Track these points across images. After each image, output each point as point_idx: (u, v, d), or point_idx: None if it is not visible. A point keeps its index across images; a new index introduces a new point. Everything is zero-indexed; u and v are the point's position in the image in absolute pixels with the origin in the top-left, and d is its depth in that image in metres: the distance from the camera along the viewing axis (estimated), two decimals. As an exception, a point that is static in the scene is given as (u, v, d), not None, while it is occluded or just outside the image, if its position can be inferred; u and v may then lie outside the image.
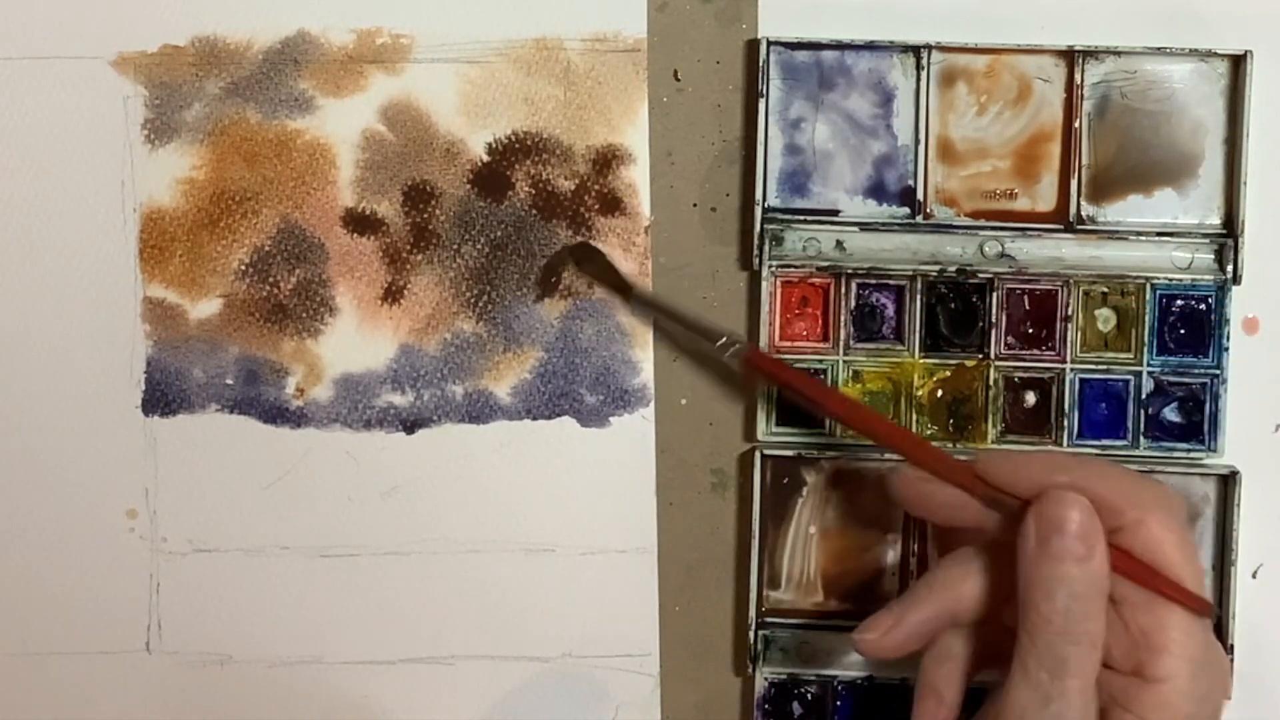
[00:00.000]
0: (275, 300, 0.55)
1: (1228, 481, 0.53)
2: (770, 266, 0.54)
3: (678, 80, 0.54)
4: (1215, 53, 0.53)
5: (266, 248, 0.55)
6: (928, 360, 0.54)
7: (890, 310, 0.54)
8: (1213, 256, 0.53)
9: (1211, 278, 0.53)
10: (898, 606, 0.47)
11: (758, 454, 0.54)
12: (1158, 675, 0.44)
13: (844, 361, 0.54)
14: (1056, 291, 0.53)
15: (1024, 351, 0.54)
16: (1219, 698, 0.45)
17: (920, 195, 0.54)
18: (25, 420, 0.55)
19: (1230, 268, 0.53)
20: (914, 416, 0.54)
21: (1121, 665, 0.44)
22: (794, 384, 0.51)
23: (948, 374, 0.54)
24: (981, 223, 0.54)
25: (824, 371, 0.54)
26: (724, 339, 0.51)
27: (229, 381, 0.55)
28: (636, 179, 0.54)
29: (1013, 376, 0.54)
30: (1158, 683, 0.44)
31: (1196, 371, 0.53)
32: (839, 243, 0.54)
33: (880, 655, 0.47)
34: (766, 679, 0.54)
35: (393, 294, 0.55)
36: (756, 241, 0.53)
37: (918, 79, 0.53)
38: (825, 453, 0.54)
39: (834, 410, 0.50)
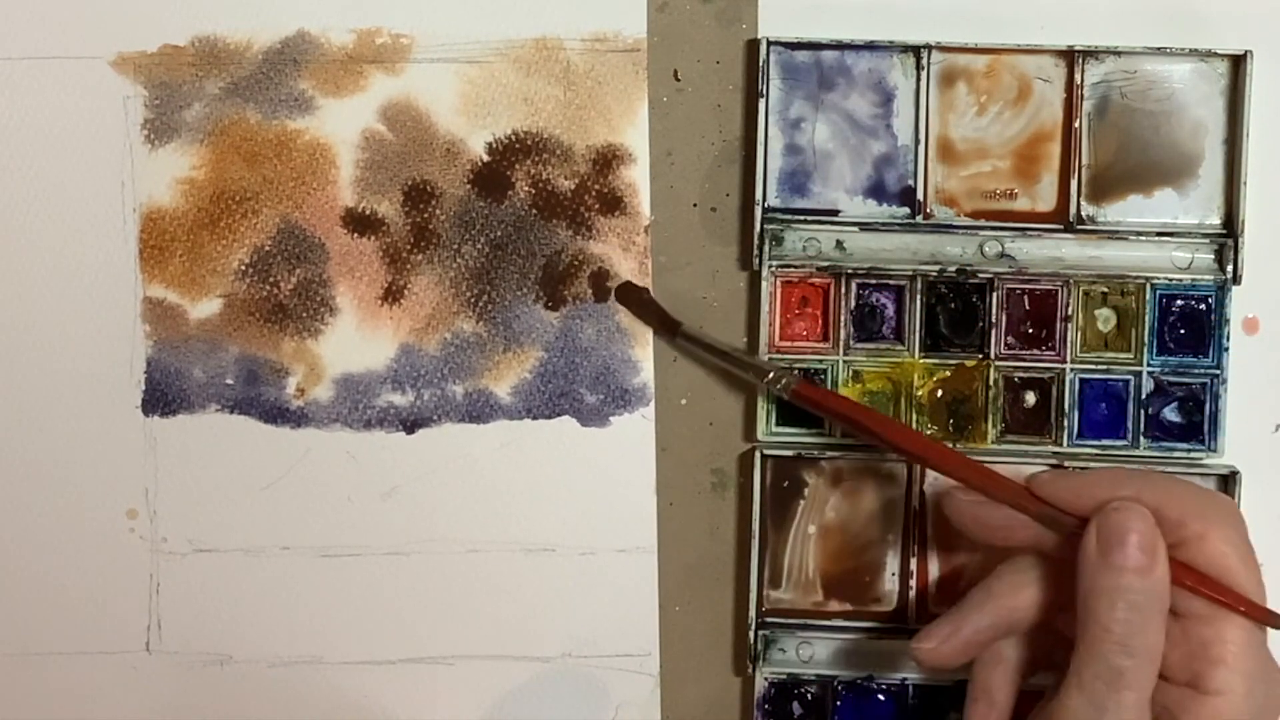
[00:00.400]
0: (275, 300, 0.55)
1: (1228, 481, 0.53)
2: (770, 266, 0.54)
3: (678, 80, 0.54)
4: (1215, 53, 0.53)
5: (266, 248, 0.55)
6: (928, 360, 0.54)
7: (890, 310, 0.54)
8: (1213, 256, 0.53)
9: (1211, 278, 0.53)
10: (954, 615, 0.47)
11: (758, 454, 0.54)
12: (1214, 688, 0.43)
13: (844, 361, 0.54)
14: (1056, 291, 0.53)
15: (1024, 351, 0.54)
16: (1274, 712, 0.44)
17: (920, 195, 0.54)
18: (25, 420, 0.55)
19: (1230, 268, 0.53)
20: (914, 416, 0.54)
21: (1177, 676, 0.44)
22: (845, 412, 0.51)
23: (948, 374, 0.54)
24: (981, 223, 0.54)
25: (824, 371, 0.54)
26: (772, 374, 0.52)
27: (229, 381, 0.55)
28: (636, 179, 0.54)
29: (1013, 376, 0.54)
30: (1213, 695, 0.43)
31: (1196, 371, 0.53)
32: (839, 243, 0.54)
33: (938, 664, 0.47)
34: (766, 679, 0.54)
35: (393, 294, 0.55)
36: (756, 241, 0.53)
37: (918, 79, 0.53)
38: (825, 452, 0.54)
39: (887, 437, 0.50)
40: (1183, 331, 0.53)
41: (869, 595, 0.55)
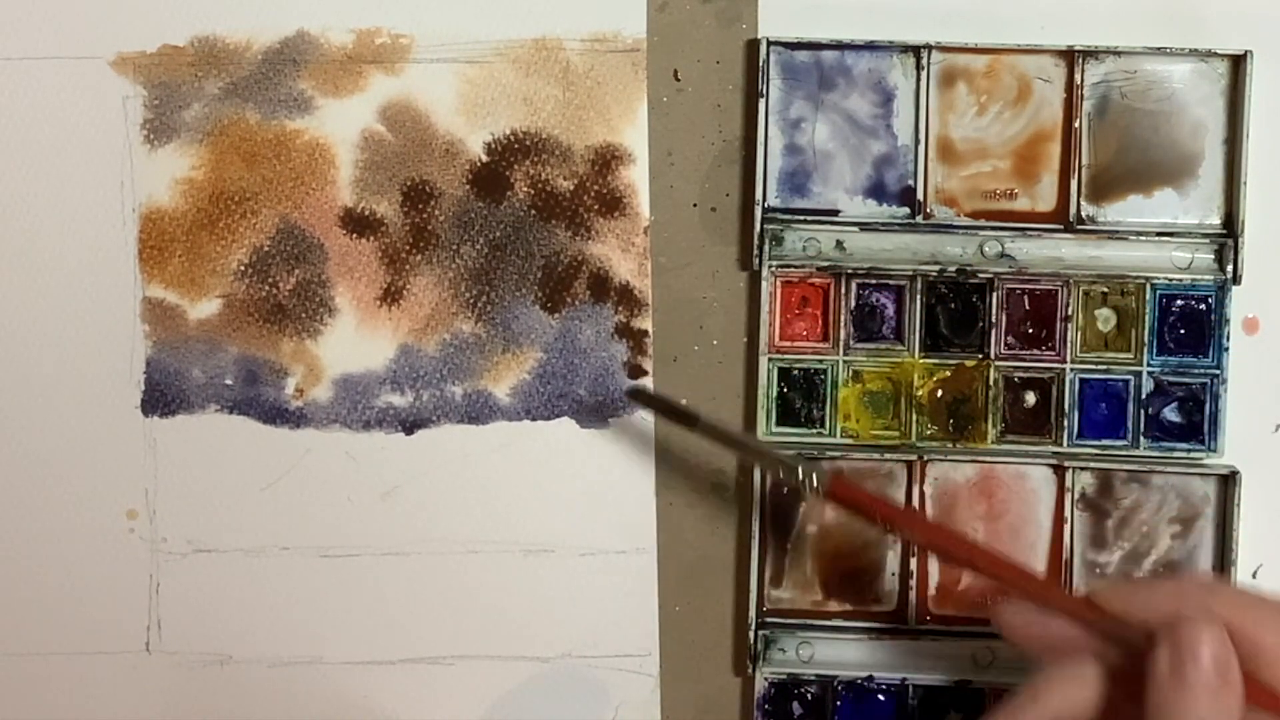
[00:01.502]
0: (275, 300, 0.55)
1: (1228, 481, 0.53)
2: (770, 266, 0.54)
3: (678, 80, 0.54)
4: (1215, 53, 0.53)
5: (266, 248, 0.55)
6: (928, 360, 0.54)
7: (890, 310, 0.54)
8: (1213, 256, 0.53)
9: (1211, 278, 0.53)
10: (1002, 715, 0.45)
11: (757, 454, 0.54)
12: None
13: (844, 361, 0.54)
14: (1056, 291, 0.53)
15: (1024, 351, 0.54)
16: None
17: (920, 195, 0.54)
18: (25, 420, 0.55)
19: (1230, 268, 0.53)
20: (914, 416, 0.54)
21: None
22: (881, 512, 0.49)
23: (948, 374, 0.54)
24: (981, 223, 0.54)
25: (824, 371, 0.54)
26: (800, 469, 0.49)
27: (228, 382, 0.55)
28: (636, 179, 0.54)
29: (1013, 376, 0.54)
30: None
31: (1196, 371, 0.53)
32: (839, 243, 0.54)
33: None
34: (766, 679, 0.54)
35: (392, 294, 0.55)
36: (756, 241, 0.53)
37: (918, 79, 0.53)
38: (825, 453, 0.54)
39: (927, 538, 0.49)
40: (1183, 331, 0.53)
41: (869, 595, 0.55)
